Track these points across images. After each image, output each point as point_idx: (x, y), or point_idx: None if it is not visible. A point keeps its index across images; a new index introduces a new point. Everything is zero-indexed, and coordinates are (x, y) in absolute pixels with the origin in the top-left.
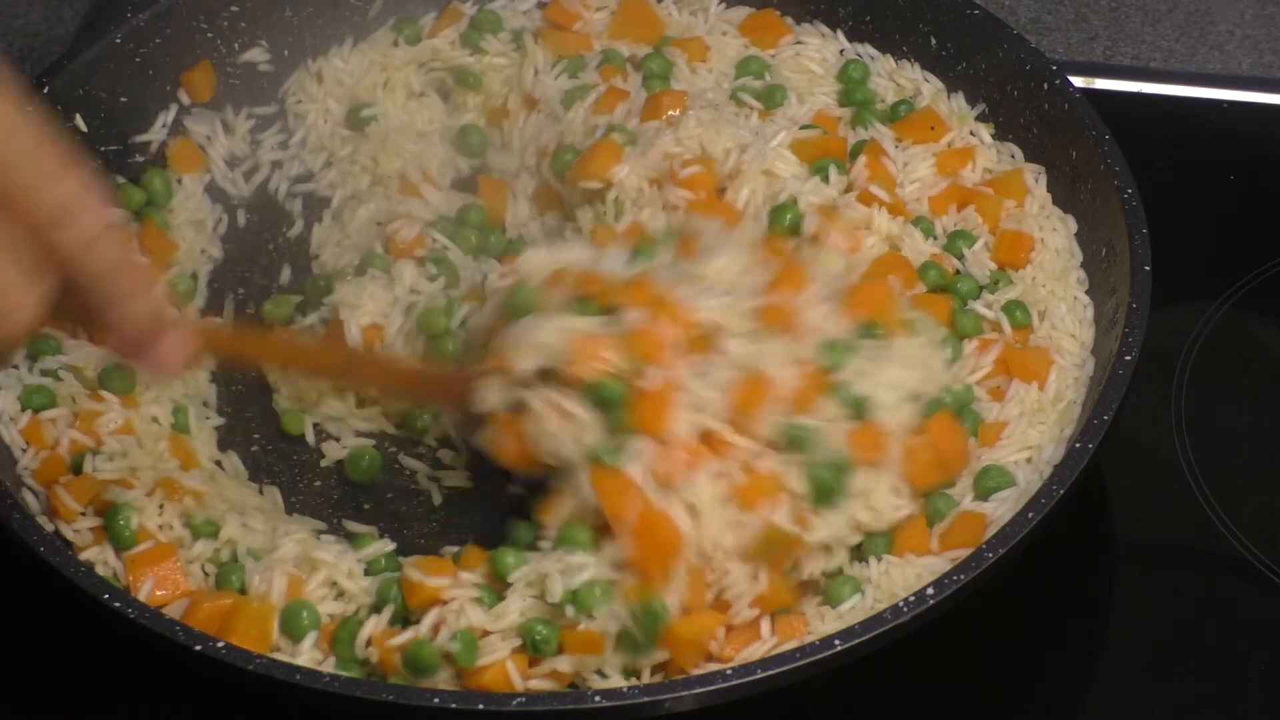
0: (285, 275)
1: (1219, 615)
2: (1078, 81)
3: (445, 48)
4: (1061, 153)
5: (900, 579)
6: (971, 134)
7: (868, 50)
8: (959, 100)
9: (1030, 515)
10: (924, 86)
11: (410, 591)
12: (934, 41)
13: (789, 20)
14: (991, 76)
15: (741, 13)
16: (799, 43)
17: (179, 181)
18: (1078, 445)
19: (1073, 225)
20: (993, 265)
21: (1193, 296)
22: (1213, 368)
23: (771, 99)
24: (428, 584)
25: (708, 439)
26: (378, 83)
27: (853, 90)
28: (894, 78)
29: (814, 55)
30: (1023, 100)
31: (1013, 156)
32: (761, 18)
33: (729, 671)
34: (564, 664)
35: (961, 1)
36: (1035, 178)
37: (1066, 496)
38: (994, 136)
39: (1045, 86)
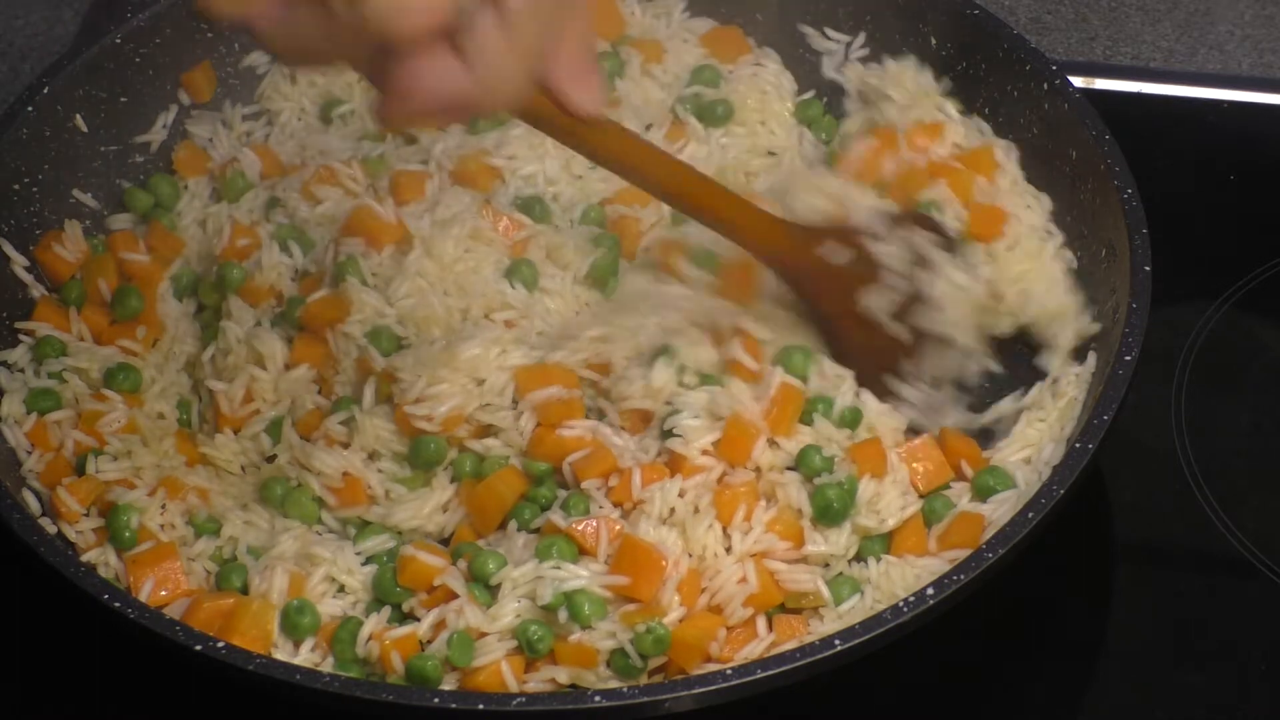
0: None
1: (1219, 615)
2: (1078, 81)
3: None
4: (1061, 152)
5: (900, 579)
6: (939, 110)
7: (862, 40)
8: (926, 76)
9: (1030, 515)
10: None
11: (404, 566)
12: (934, 41)
13: (752, 41)
14: (991, 76)
15: (705, 24)
16: (758, 64)
17: (185, 187)
18: (1077, 445)
19: (1047, 203)
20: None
21: (1193, 296)
22: (1213, 368)
23: (712, 114)
24: (420, 559)
25: (672, 461)
26: (352, 80)
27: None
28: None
29: (770, 79)
30: (1023, 100)
31: (980, 132)
32: (725, 32)
33: (729, 671)
34: (560, 675)
35: (961, 1)
36: (1005, 153)
37: (1066, 497)
38: (960, 113)
39: (1045, 86)
